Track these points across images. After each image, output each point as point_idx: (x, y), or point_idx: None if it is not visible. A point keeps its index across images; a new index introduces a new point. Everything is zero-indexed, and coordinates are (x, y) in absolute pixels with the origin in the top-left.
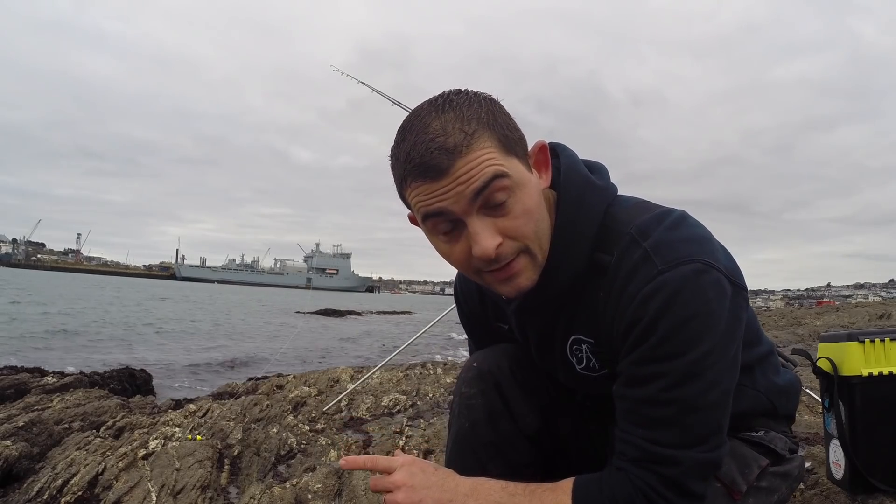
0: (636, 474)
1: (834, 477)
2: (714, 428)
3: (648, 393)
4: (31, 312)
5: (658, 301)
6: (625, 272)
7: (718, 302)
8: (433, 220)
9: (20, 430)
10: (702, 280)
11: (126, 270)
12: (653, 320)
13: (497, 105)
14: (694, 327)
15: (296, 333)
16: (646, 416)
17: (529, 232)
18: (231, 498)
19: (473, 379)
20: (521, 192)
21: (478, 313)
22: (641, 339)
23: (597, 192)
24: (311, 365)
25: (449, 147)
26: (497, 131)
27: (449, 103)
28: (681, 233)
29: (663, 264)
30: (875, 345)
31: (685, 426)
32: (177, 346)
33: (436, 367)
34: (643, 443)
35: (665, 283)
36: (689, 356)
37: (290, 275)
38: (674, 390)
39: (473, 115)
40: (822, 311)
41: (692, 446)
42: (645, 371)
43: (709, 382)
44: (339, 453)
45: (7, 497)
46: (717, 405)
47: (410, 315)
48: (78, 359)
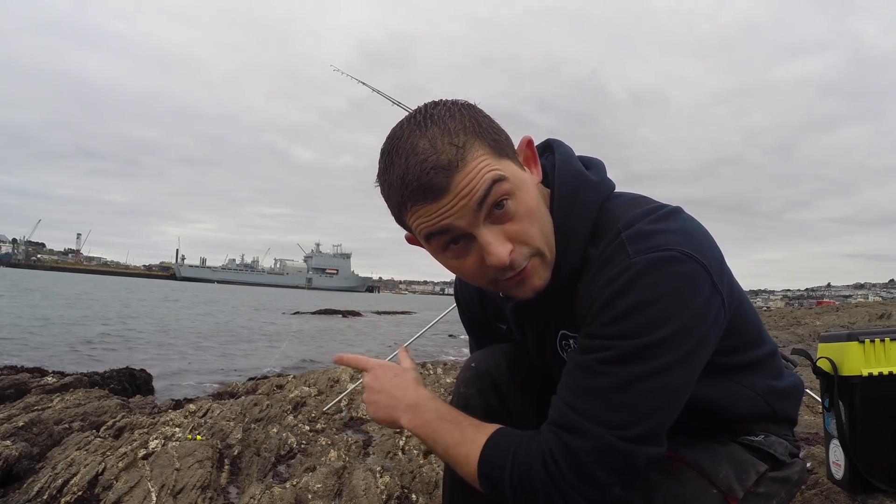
0: (545, 437)
1: (834, 477)
2: (642, 418)
3: (586, 361)
4: (74, 316)
5: (621, 281)
6: (601, 262)
7: (689, 293)
8: (438, 238)
9: (20, 430)
10: (673, 268)
11: (126, 270)
12: (611, 298)
13: (477, 110)
14: (652, 313)
15: (296, 333)
16: (575, 382)
17: (537, 233)
18: (231, 498)
19: (471, 379)
20: (521, 192)
21: (477, 314)
22: (598, 315)
23: (591, 189)
24: (311, 365)
25: (444, 164)
26: (486, 137)
27: (430, 118)
28: (665, 224)
29: (635, 253)
30: (875, 345)
31: (609, 403)
32: (177, 345)
33: (436, 367)
34: (563, 406)
35: (631, 266)
36: (639, 340)
37: (290, 275)
38: (611, 365)
39: (459, 127)
40: (822, 311)
41: (610, 427)
42: (591, 342)
43: (652, 371)
44: (338, 453)
45: (7, 497)
46: (654, 395)
47: (411, 315)
48: (78, 359)
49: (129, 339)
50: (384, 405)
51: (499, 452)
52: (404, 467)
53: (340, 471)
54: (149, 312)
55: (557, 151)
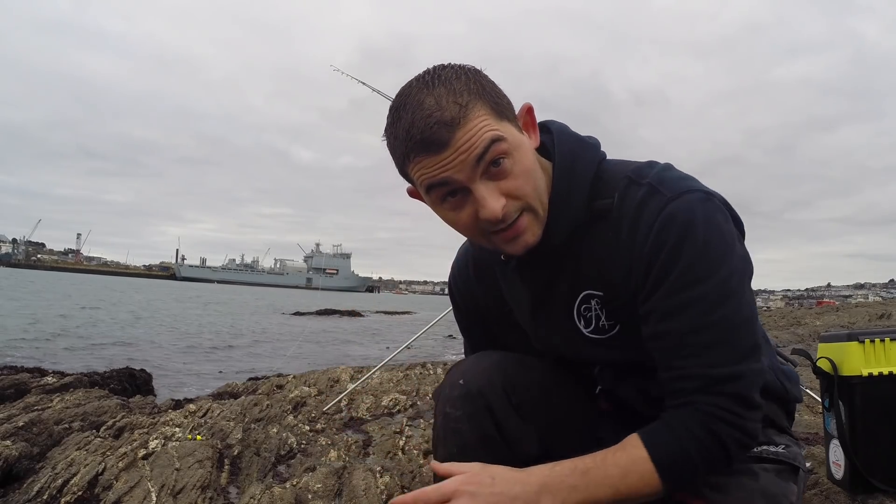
0: (704, 401)
1: (834, 477)
2: (756, 339)
3: (691, 320)
4: (98, 318)
5: (678, 225)
6: (633, 208)
7: (727, 225)
8: (438, 190)
9: (20, 430)
10: (710, 206)
11: (126, 270)
12: (677, 245)
13: (482, 75)
14: (715, 248)
15: (297, 333)
16: (694, 344)
17: (530, 190)
18: (231, 498)
19: (459, 399)
20: (518, 152)
21: (475, 302)
22: (669, 266)
23: (589, 147)
24: (311, 365)
25: (447, 120)
26: (488, 99)
27: (437, 78)
28: (675, 172)
29: (671, 193)
30: (875, 345)
31: (734, 343)
32: (177, 345)
33: (436, 367)
34: (700, 370)
35: (679, 209)
36: (718, 276)
37: (290, 275)
38: (714, 312)
39: (463, 88)
40: (822, 311)
41: (744, 359)
42: (679, 300)
43: (741, 299)
44: (339, 453)
45: (7, 497)
46: (752, 319)
47: (411, 315)
48: (79, 358)
49: (144, 341)
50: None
51: (671, 451)
52: (404, 467)
53: (340, 471)
54: (174, 315)
55: (553, 126)
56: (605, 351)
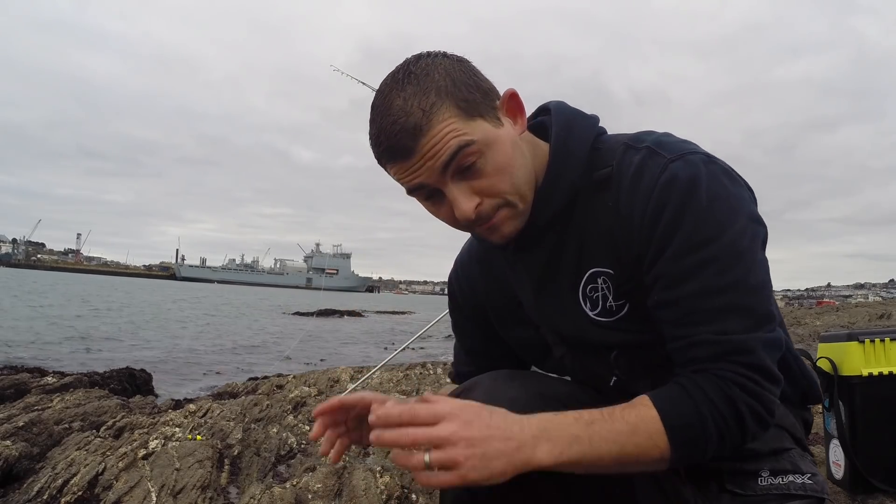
0: (721, 367)
1: (834, 477)
2: (770, 306)
3: (701, 284)
4: (119, 320)
5: (680, 186)
6: (632, 172)
7: (734, 185)
8: (417, 193)
9: (20, 430)
10: (713, 167)
11: (126, 270)
12: (680, 205)
13: (459, 66)
14: (721, 207)
15: (297, 333)
16: (706, 309)
17: (506, 187)
18: (231, 498)
19: None
20: (491, 150)
21: (474, 304)
22: (673, 228)
23: (587, 119)
24: (311, 365)
25: (409, 128)
26: (457, 97)
27: (408, 76)
28: (675, 137)
29: (671, 154)
30: (875, 345)
31: (747, 308)
32: (177, 345)
33: (436, 367)
34: (714, 337)
35: (680, 167)
36: (727, 235)
37: (290, 275)
38: (725, 275)
39: (432, 86)
40: (822, 311)
41: (760, 327)
42: (688, 262)
43: (753, 260)
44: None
45: (7, 497)
46: (767, 284)
47: (411, 315)
48: (78, 358)
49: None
50: (499, 452)
51: (684, 412)
52: None
53: (340, 471)
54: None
55: (551, 104)
56: (614, 334)
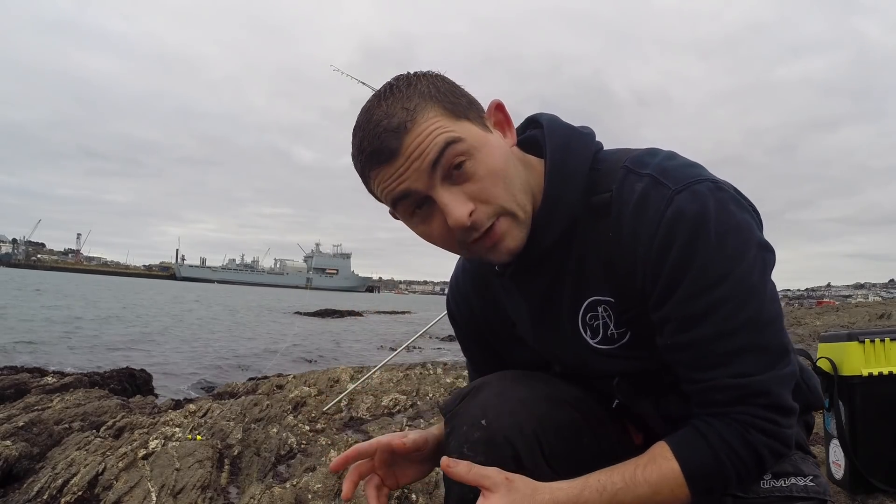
0: (738, 412)
1: (834, 477)
2: (784, 339)
3: (714, 327)
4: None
5: (687, 222)
6: (634, 201)
7: (741, 214)
8: (402, 204)
9: (20, 430)
10: (720, 195)
11: (126, 270)
12: (687, 244)
13: (439, 77)
14: (731, 243)
15: (295, 334)
16: (720, 353)
17: (500, 192)
18: (231, 498)
19: (482, 444)
20: (481, 153)
21: (473, 325)
22: (681, 269)
23: (583, 138)
24: (311, 365)
25: (393, 126)
26: (441, 100)
27: (389, 89)
28: (679, 160)
29: (676, 185)
30: (875, 345)
31: (762, 347)
32: (177, 345)
33: (436, 367)
34: (730, 381)
35: (687, 201)
36: (737, 273)
37: (289, 275)
38: (738, 314)
39: (413, 92)
40: (822, 311)
41: (775, 364)
42: (698, 305)
43: (764, 295)
44: (338, 453)
45: (7, 497)
46: (778, 316)
47: (411, 315)
48: (78, 358)
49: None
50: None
51: (705, 463)
52: None
53: (340, 471)
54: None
55: (542, 118)
56: (616, 362)
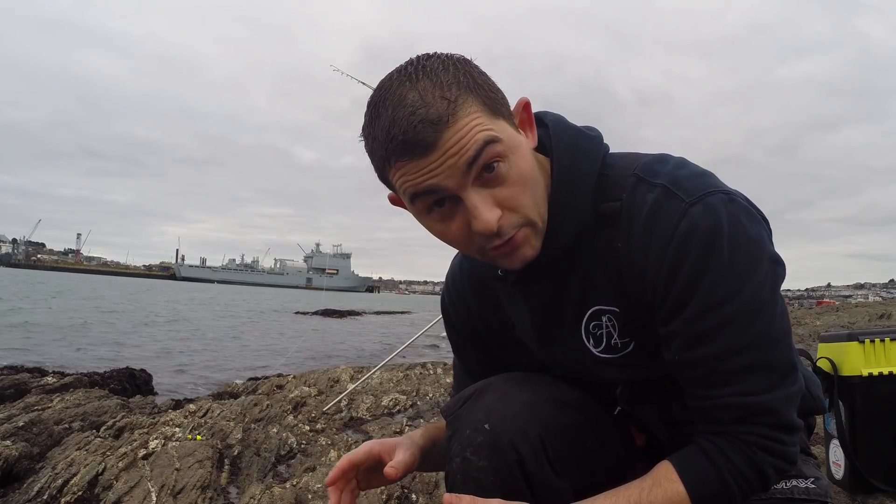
0: (744, 431)
1: (834, 477)
2: (793, 356)
3: (723, 344)
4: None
5: (700, 237)
6: (645, 212)
7: (753, 227)
8: (423, 199)
9: (20, 430)
10: (733, 207)
11: (126, 270)
12: (700, 261)
13: (473, 66)
14: (743, 258)
15: (297, 333)
16: (727, 371)
17: (528, 200)
18: (231, 498)
19: (485, 448)
20: (515, 155)
21: (470, 325)
22: (692, 285)
23: (591, 141)
24: (311, 365)
25: (433, 118)
26: (480, 94)
27: (422, 70)
28: (692, 169)
29: (689, 196)
30: (875, 345)
31: (770, 364)
32: (177, 345)
33: (436, 367)
34: (736, 399)
35: (700, 215)
36: (748, 289)
37: (290, 275)
38: (747, 332)
39: (452, 80)
40: (822, 311)
41: (782, 382)
42: (708, 323)
43: (774, 311)
44: (339, 453)
45: (7, 497)
46: (786, 332)
47: (411, 315)
48: (78, 358)
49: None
50: None
51: (710, 484)
52: None
53: None
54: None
55: (547, 117)
56: (619, 371)
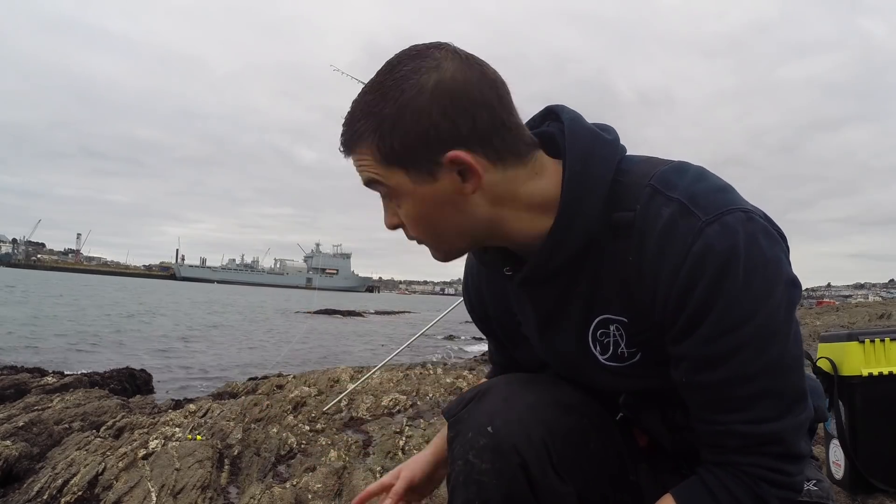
0: (749, 462)
1: (834, 477)
2: (804, 384)
3: (732, 371)
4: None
5: (715, 259)
6: (659, 227)
7: (771, 248)
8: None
9: (20, 430)
10: (751, 227)
11: (126, 270)
12: (714, 284)
13: (437, 94)
14: (759, 281)
15: (296, 334)
16: (737, 397)
17: (420, 234)
18: (231, 498)
19: (488, 451)
20: (403, 200)
21: (484, 314)
22: (705, 308)
23: (607, 146)
24: (311, 365)
25: (343, 141)
26: (385, 141)
27: (384, 80)
28: (711, 183)
29: (706, 215)
30: (875, 345)
31: (780, 392)
32: (177, 345)
33: (436, 367)
34: (744, 427)
35: (717, 235)
36: (763, 313)
37: (290, 275)
38: (759, 358)
39: (374, 112)
40: (822, 311)
41: (791, 410)
42: (719, 347)
43: (787, 336)
44: (339, 453)
45: (7, 497)
46: (799, 358)
47: (411, 315)
48: (78, 359)
49: (136, 340)
50: None
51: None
52: None
53: (340, 471)
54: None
55: (564, 114)
56: (624, 380)
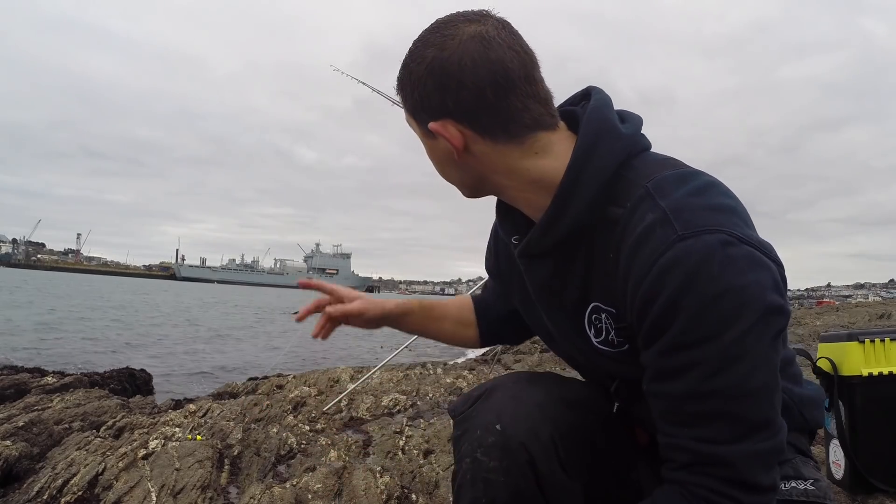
0: (692, 482)
1: (834, 477)
2: (769, 413)
3: (686, 386)
4: None
5: (678, 275)
6: (637, 232)
7: (752, 273)
8: None
9: (20, 430)
10: (731, 251)
11: (126, 270)
12: (673, 299)
13: (418, 71)
14: (726, 305)
15: (297, 334)
16: (688, 412)
17: (441, 175)
18: (231, 498)
19: (496, 449)
20: (424, 146)
21: (494, 262)
22: (663, 322)
23: (617, 140)
24: (311, 365)
25: (397, 86)
26: (411, 102)
27: (434, 41)
28: (707, 199)
29: (684, 230)
30: (875, 345)
31: (735, 417)
32: (177, 345)
33: (436, 367)
34: (691, 443)
35: (686, 252)
36: (729, 335)
37: (289, 275)
38: (714, 378)
39: (412, 81)
40: (822, 311)
41: (746, 437)
42: (675, 361)
43: (755, 362)
44: (339, 453)
45: (7, 497)
46: (767, 387)
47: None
48: (78, 359)
49: (137, 340)
50: None
51: None
52: (404, 467)
53: (340, 471)
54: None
55: (594, 98)
56: (616, 365)
